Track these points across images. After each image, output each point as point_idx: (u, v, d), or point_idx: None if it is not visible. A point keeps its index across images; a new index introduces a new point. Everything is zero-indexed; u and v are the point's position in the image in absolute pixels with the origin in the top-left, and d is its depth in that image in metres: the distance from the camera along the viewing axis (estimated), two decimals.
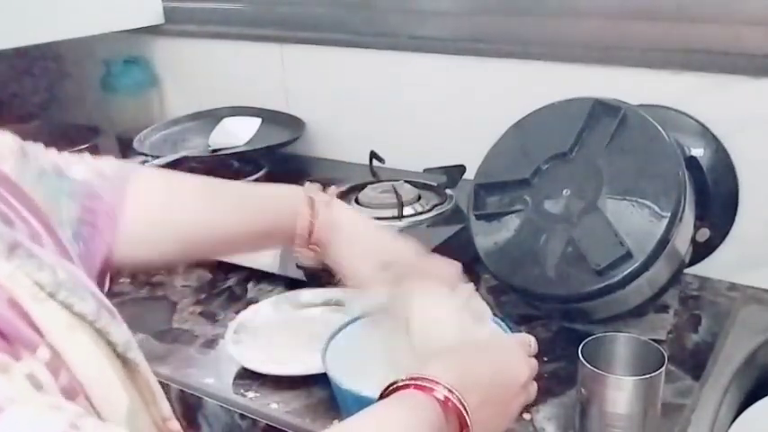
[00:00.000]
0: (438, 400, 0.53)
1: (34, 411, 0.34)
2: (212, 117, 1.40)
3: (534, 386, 0.63)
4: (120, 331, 0.47)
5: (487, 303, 0.73)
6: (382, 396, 0.55)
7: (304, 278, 0.97)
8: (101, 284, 0.62)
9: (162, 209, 0.70)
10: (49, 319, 0.40)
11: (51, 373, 0.38)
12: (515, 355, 0.63)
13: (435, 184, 1.11)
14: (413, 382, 0.54)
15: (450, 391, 0.53)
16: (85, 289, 0.45)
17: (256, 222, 0.73)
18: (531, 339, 0.66)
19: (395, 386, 0.54)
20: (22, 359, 0.37)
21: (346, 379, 0.69)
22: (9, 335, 0.37)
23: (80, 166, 0.65)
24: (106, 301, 0.48)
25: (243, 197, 0.74)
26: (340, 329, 0.76)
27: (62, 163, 0.64)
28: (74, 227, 0.60)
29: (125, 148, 1.36)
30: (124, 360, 0.46)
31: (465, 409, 0.53)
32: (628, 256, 0.79)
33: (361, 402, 0.61)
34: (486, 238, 0.89)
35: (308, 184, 0.76)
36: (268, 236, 0.75)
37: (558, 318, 0.91)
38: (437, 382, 0.53)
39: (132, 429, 0.44)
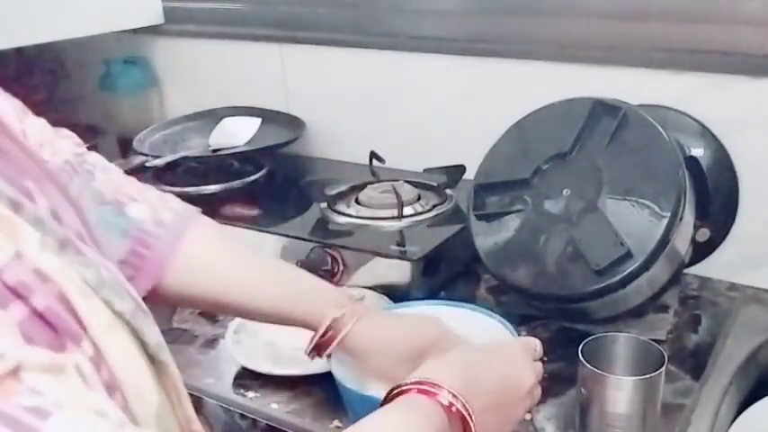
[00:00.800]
0: (442, 404, 0.52)
1: (80, 418, 0.34)
2: (212, 117, 1.39)
3: (539, 390, 0.63)
4: (153, 332, 0.47)
5: (487, 303, 0.72)
6: (386, 399, 0.54)
7: None
8: None
9: (210, 267, 0.69)
10: (93, 316, 0.40)
11: (94, 369, 0.39)
12: (521, 359, 0.62)
13: (435, 184, 1.11)
14: (416, 386, 0.53)
15: (454, 396, 0.53)
16: (124, 288, 0.46)
17: (287, 308, 0.71)
18: (537, 343, 0.65)
19: (399, 389, 0.54)
20: (71, 352, 0.37)
21: (351, 378, 0.69)
22: (58, 327, 0.37)
23: (141, 205, 0.66)
24: (141, 301, 0.48)
25: (288, 282, 0.72)
26: None
27: (124, 197, 0.65)
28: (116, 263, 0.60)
29: (125, 148, 1.36)
30: (154, 360, 0.47)
31: (469, 414, 0.53)
32: (628, 256, 0.79)
33: (366, 401, 0.61)
34: (486, 238, 0.89)
35: (345, 289, 0.75)
36: (292, 323, 0.73)
37: (558, 318, 0.91)
38: (441, 387, 0.53)
39: (161, 430, 0.44)
